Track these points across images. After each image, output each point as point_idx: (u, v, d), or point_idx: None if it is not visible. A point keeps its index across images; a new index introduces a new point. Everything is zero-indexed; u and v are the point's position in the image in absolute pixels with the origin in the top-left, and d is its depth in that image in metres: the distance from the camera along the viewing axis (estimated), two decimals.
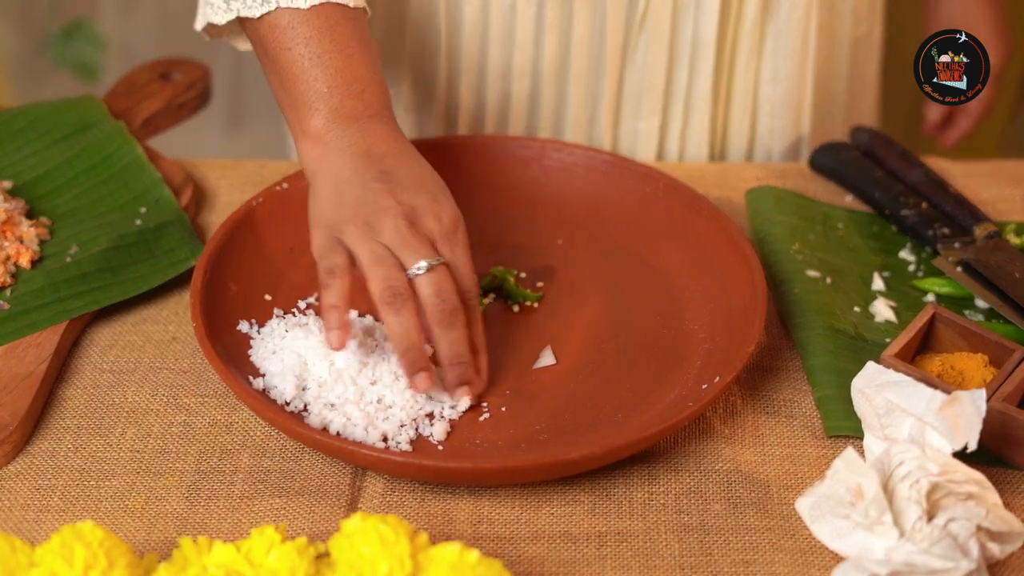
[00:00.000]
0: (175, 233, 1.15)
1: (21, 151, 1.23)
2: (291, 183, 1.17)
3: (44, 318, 1.07)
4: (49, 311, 1.07)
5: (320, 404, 0.99)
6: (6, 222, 1.13)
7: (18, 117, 1.25)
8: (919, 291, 1.15)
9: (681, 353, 1.06)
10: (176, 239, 1.15)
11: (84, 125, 1.24)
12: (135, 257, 1.13)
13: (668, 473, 0.98)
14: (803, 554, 0.92)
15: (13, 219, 1.14)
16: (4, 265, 1.10)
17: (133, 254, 1.13)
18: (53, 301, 1.08)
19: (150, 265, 1.13)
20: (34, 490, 0.96)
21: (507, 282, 1.12)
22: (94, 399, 1.04)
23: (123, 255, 1.13)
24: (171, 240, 1.15)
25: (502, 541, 0.93)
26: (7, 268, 1.10)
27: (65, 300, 1.09)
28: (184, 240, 1.15)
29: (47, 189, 1.20)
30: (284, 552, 0.85)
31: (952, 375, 1.02)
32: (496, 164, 1.23)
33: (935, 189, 1.23)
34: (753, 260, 1.08)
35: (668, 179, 1.18)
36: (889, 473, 0.90)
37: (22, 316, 1.07)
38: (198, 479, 0.97)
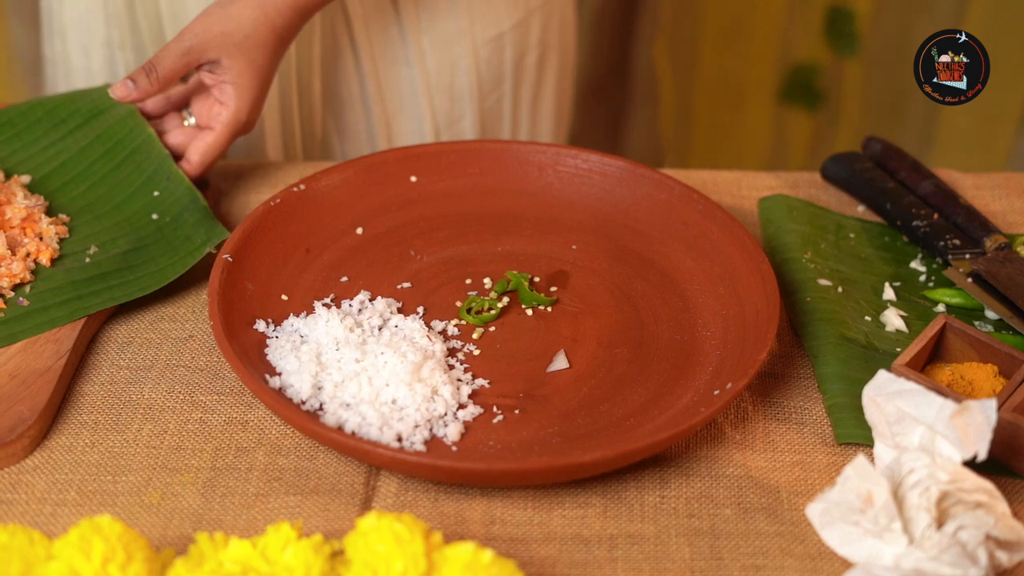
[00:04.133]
0: (190, 218, 1.16)
1: (39, 142, 1.24)
2: (308, 184, 1.18)
3: (63, 315, 1.08)
4: (68, 308, 1.08)
5: (336, 403, 1.00)
6: (26, 219, 1.14)
7: (36, 107, 1.26)
8: (930, 301, 1.16)
9: (693, 359, 1.07)
10: (191, 225, 1.16)
11: (98, 111, 1.24)
12: (154, 253, 1.14)
13: (679, 477, 0.99)
14: (813, 560, 0.93)
15: (33, 216, 1.15)
16: (24, 262, 1.11)
17: (152, 251, 1.15)
18: (72, 298, 1.09)
19: (168, 258, 1.14)
20: (51, 484, 0.97)
21: (521, 286, 1.13)
22: (111, 395, 1.05)
23: (142, 254, 1.14)
24: (186, 227, 1.16)
25: (514, 542, 0.94)
26: (27, 265, 1.11)
27: (84, 297, 1.10)
28: (199, 224, 1.16)
29: (64, 180, 1.21)
30: (300, 549, 0.86)
31: (962, 385, 1.03)
32: (511, 170, 1.24)
33: (946, 200, 1.23)
34: (766, 268, 1.09)
35: (682, 187, 1.19)
36: (899, 481, 0.91)
37: (41, 312, 1.08)
38: (214, 476, 0.98)
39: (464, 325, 1.11)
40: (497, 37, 1.44)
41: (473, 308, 1.12)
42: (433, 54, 1.42)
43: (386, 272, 1.16)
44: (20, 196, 1.16)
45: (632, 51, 2.43)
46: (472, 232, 1.20)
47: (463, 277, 1.16)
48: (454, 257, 1.18)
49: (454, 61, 1.43)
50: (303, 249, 1.15)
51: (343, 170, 1.21)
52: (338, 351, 1.04)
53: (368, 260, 1.17)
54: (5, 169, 1.21)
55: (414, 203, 1.22)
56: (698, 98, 2.47)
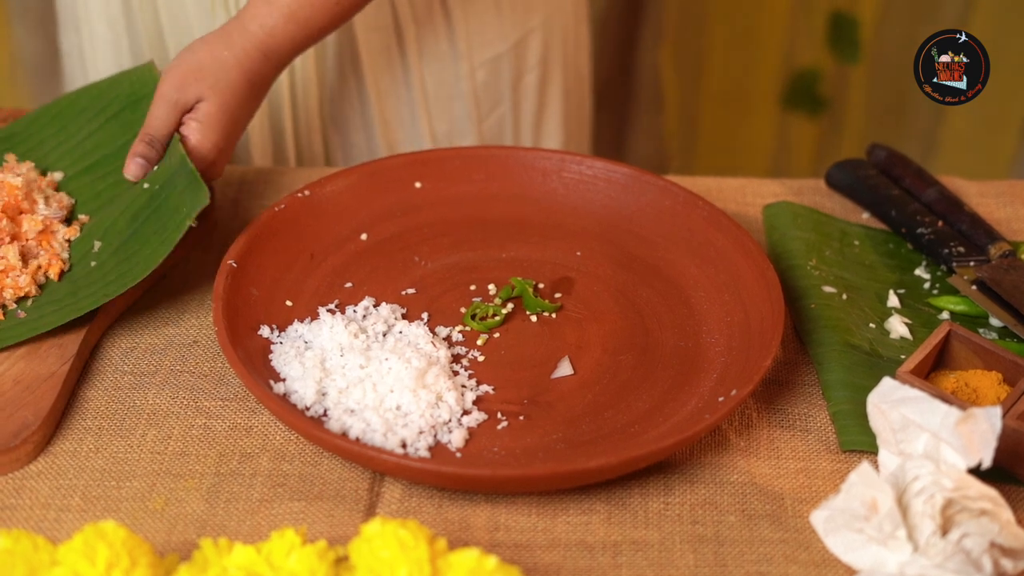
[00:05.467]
0: (179, 184, 1.11)
1: (82, 131, 1.22)
2: (312, 190, 1.18)
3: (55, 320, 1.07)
4: (62, 314, 1.07)
5: (340, 409, 1.00)
6: (43, 232, 1.14)
7: (82, 96, 1.25)
8: (934, 309, 1.16)
9: (698, 365, 1.07)
10: (179, 193, 1.11)
11: (137, 98, 1.23)
12: (146, 234, 1.11)
13: (684, 484, 0.99)
14: (817, 567, 0.93)
15: (51, 227, 1.14)
16: (33, 276, 1.11)
17: (145, 232, 1.11)
18: (68, 305, 1.08)
19: (159, 238, 1.10)
20: (55, 489, 0.97)
21: (526, 292, 1.13)
22: (115, 401, 1.05)
23: (138, 240, 1.11)
24: (175, 197, 1.11)
25: (519, 548, 0.94)
26: (36, 279, 1.11)
27: (81, 300, 1.09)
28: (186, 190, 1.11)
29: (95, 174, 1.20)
30: (304, 555, 0.86)
31: (966, 392, 1.03)
32: (516, 176, 1.24)
33: (950, 208, 1.23)
34: (771, 275, 1.09)
35: (687, 193, 1.19)
36: (903, 488, 0.91)
37: (36, 320, 1.07)
38: (218, 481, 0.98)
39: (468, 331, 1.11)
40: (494, 59, 1.45)
41: (477, 314, 1.12)
42: (430, 77, 1.42)
43: (390, 278, 1.16)
44: (42, 205, 1.15)
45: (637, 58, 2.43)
46: (476, 238, 1.20)
47: (467, 283, 1.16)
48: (458, 263, 1.18)
49: (451, 84, 1.43)
50: (307, 255, 1.15)
51: (348, 176, 1.21)
52: (342, 357, 1.04)
53: (372, 266, 1.17)
54: (43, 166, 1.21)
55: (419, 209, 1.22)
56: (703, 105, 2.47)
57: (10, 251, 1.10)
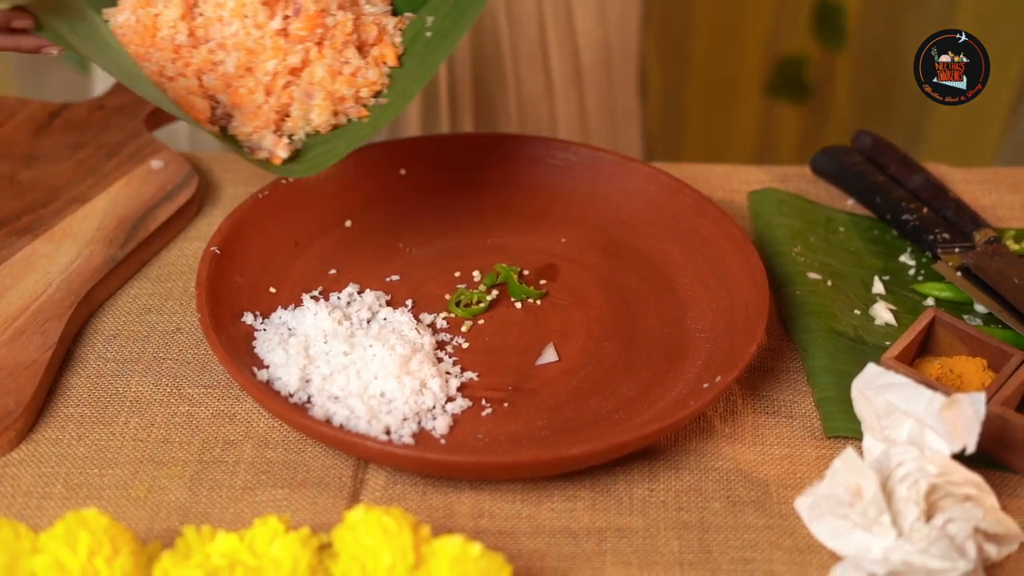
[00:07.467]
0: None
1: None
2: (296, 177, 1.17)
3: (414, 88, 1.10)
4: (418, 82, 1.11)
5: (324, 396, 1.00)
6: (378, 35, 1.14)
7: None
8: (919, 295, 1.16)
9: (683, 352, 1.07)
10: None
11: None
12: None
13: (668, 471, 0.99)
14: (801, 553, 0.93)
15: (380, 23, 1.15)
16: (379, 68, 1.12)
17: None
18: (419, 75, 1.12)
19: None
20: (37, 477, 0.97)
21: (510, 279, 1.13)
22: (98, 388, 1.04)
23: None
24: None
25: (503, 535, 0.94)
26: (381, 71, 1.12)
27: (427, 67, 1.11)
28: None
29: None
30: (287, 542, 0.86)
31: (951, 378, 1.03)
32: (501, 162, 1.23)
33: (935, 194, 1.23)
34: (756, 262, 1.09)
35: (672, 180, 1.19)
36: (888, 474, 0.91)
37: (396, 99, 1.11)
38: (201, 469, 0.98)
39: (453, 318, 1.10)
40: None
41: (462, 301, 1.11)
42: None
43: (375, 265, 1.15)
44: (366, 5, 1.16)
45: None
46: (461, 225, 1.20)
47: (452, 270, 1.15)
48: (443, 250, 1.18)
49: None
50: (291, 242, 1.15)
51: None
52: (326, 344, 1.04)
53: (357, 253, 1.16)
54: None
55: (403, 196, 1.22)
56: (688, 92, 2.47)
57: (349, 51, 1.11)
